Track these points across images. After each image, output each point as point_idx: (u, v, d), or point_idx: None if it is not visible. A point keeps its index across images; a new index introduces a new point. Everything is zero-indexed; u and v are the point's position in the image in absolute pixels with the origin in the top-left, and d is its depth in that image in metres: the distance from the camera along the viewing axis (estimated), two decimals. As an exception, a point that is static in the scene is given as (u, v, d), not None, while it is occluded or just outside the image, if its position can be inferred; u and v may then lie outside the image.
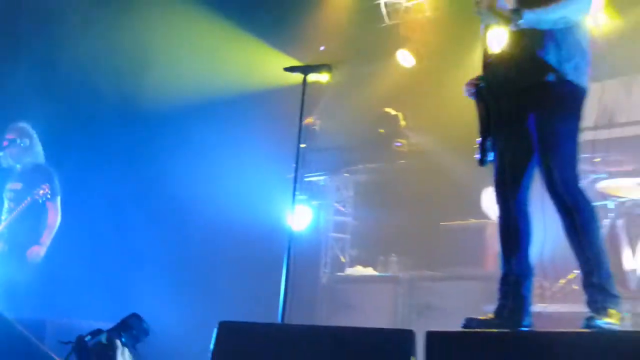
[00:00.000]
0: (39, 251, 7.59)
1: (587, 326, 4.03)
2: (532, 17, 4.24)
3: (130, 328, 4.97)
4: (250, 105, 9.72)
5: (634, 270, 7.62)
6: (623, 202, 8.11)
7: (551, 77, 4.33)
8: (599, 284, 4.21)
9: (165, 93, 9.51)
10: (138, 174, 9.50)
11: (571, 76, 4.34)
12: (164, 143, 9.62)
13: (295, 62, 9.70)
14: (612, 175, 8.46)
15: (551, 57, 4.33)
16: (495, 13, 4.24)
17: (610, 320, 4.07)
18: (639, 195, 8.15)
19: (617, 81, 10.03)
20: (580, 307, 4.93)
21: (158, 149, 9.62)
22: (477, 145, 4.51)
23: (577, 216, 4.26)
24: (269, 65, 9.61)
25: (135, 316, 5.12)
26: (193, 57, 9.87)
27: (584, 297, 4.29)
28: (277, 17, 10.27)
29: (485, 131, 4.50)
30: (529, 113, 4.36)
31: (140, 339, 5.25)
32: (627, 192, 8.24)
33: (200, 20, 9.84)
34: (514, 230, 4.52)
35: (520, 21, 4.21)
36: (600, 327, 4.00)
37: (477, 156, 4.51)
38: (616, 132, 9.72)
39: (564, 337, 3.73)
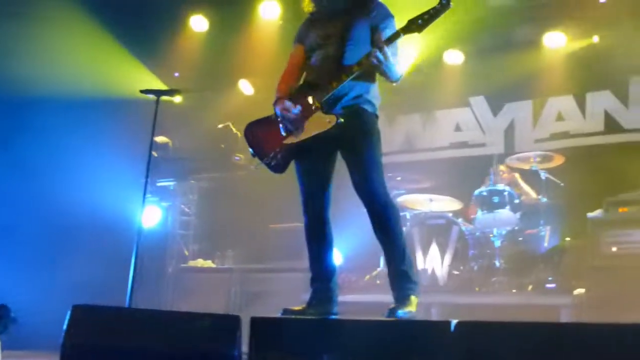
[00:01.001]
0: None
1: (389, 315, 4.07)
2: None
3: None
4: (116, 114, 9.32)
5: (425, 270, 7.79)
6: (418, 214, 8.32)
7: (369, 108, 4.43)
8: (405, 271, 4.29)
9: (42, 94, 8.99)
10: (6, 167, 8.95)
11: (377, 111, 4.51)
12: (35, 138, 9.09)
13: (157, 82, 9.53)
14: (409, 191, 8.68)
15: (369, 95, 4.46)
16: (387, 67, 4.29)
17: (410, 309, 4.12)
18: (430, 209, 8.37)
19: (418, 115, 10.33)
20: (383, 298, 4.99)
21: (28, 143, 9.10)
22: (272, 156, 4.47)
23: (387, 215, 4.33)
24: (137, 81, 9.34)
25: (3, 307, 4.76)
26: (72, 63, 9.36)
27: (390, 285, 4.35)
28: (149, 40, 10.00)
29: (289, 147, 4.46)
30: (347, 134, 4.36)
31: (9, 327, 4.90)
32: (421, 205, 8.48)
33: (84, 33, 9.37)
34: (319, 235, 4.53)
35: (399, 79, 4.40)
36: (399, 317, 4.03)
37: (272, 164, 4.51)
38: (415, 157, 10.02)
39: (364, 324, 3.74)
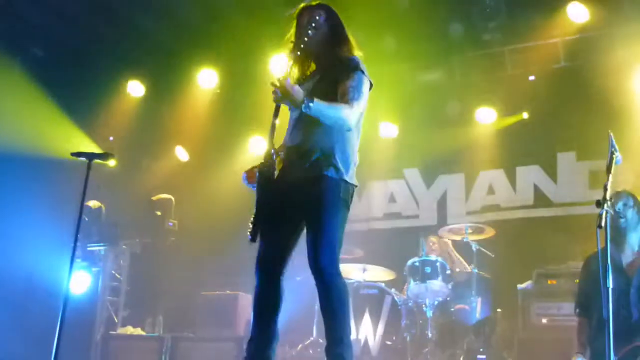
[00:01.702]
0: None
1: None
2: (318, 107, 4.08)
3: None
4: (48, 175, 9.09)
5: (358, 340, 7.68)
6: (351, 283, 8.23)
7: (332, 173, 4.22)
8: (339, 353, 4.09)
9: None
10: None
11: (346, 176, 4.26)
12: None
13: (91, 144, 9.42)
14: (343, 261, 8.57)
15: (338, 157, 4.24)
16: (288, 95, 4.01)
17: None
18: (363, 278, 8.33)
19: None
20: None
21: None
22: (251, 224, 4.23)
23: (332, 293, 4.15)
24: (71, 143, 9.21)
25: None
26: (3, 120, 9.14)
27: None
28: (84, 102, 9.89)
29: (258, 212, 4.25)
30: (306, 201, 4.21)
31: None
32: (354, 274, 8.41)
33: (17, 90, 9.22)
34: (269, 301, 4.31)
35: (311, 105, 4.04)
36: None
37: (249, 235, 4.20)
38: (349, 227, 9.92)
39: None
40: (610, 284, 4.10)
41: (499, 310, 8.03)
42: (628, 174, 7.86)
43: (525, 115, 9.61)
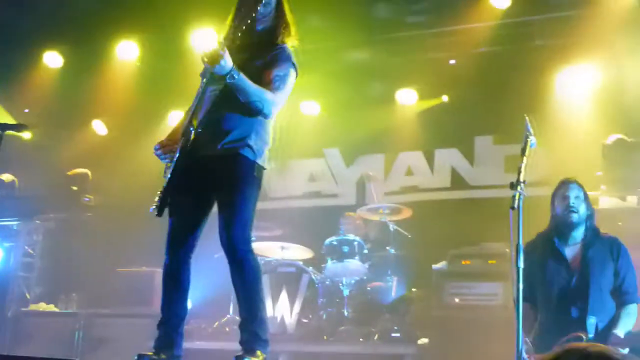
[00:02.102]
0: None
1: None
2: (243, 81, 4.10)
3: None
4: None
5: (274, 318, 7.70)
6: (269, 261, 8.22)
7: (248, 153, 4.25)
8: (253, 330, 4.17)
9: None
10: None
11: (259, 158, 4.32)
12: None
13: (6, 116, 9.18)
14: (261, 239, 8.58)
15: (254, 139, 4.28)
16: (217, 63, 3.99)
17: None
18: (281, 256, 8.33)
19: (274, 165, 10.32)
20: (231, 345, 4.88)
21: None
22: (157, 199, 4.22)
23: (245, 270, 4.20)
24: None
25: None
26: None
27: (238, 336, 4.23)
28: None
29: (168, 186, 4.23)
30: (220, 178, 4.24)
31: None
32: (273, 253, 8.40)
33: None
34: (177, 278, 4.33)
35: (235, 77, 4.05)
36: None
37: (153, 208, 4.19)
38: (267, 205, 9.94)
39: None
40: (521, 264, 4.12)
41: (414, 289, 8.18)
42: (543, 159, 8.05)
43: (445, 98, 9.75)
